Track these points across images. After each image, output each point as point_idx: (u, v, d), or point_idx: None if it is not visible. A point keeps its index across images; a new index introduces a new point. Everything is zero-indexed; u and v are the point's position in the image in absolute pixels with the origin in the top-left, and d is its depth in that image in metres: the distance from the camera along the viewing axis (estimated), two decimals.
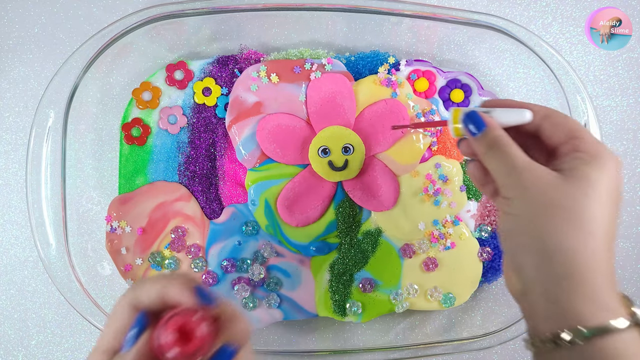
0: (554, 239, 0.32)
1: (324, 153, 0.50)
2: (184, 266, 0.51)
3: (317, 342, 0.54)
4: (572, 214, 0.32)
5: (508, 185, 0.35)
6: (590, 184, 0.33)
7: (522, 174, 0.34)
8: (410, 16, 0.51)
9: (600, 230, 0.32)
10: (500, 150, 0.35)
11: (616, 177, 0.34)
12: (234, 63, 0.53)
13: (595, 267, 0.32)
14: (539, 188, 0.34)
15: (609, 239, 0.33)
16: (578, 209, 0.32)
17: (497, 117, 0.37)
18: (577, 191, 0.33)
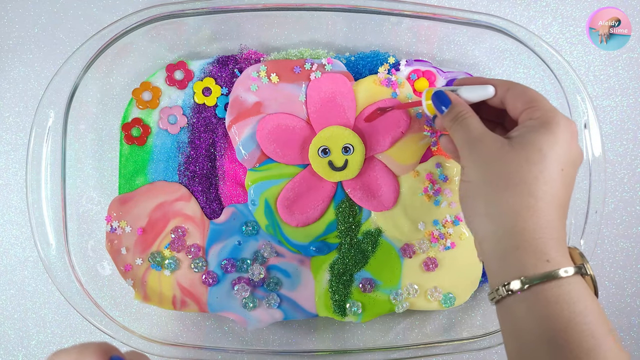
0: (499, 202, 0.35)
1: (324, 153, 0.51)
2: (184, 266, 0.51)
3: (317, 342, 0.54)
4: (516, 179, 0.35)
5: (464, 155, 0.38)
6: (535, 150, 0.35)
7: (475, 144, 0.38)
8: (410, 16, 0.51)
9: (544, 192, 0.34)
10: (461, 123, 0.39)
11: (568, 144, 0.36)
12: (234, 63, 0.53)
13: (539, 226, 0.34)
14: (488, 156, 0.37)
15: (556, 203, 0.35)
16: (521, 174, 0.35)
17: (462, 94, 0.41)
18: (521, 157, 0.35)
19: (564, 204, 0.36)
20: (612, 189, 0.57)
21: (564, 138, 0.36)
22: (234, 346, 0.52)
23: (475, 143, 0.38)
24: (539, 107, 0.37)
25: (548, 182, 0.35)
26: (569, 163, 0.36)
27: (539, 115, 0.37)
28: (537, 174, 0.35)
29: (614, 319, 0.57)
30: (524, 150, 0.35)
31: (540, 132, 0.36)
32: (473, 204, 0.37)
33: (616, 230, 0.57)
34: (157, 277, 0.51)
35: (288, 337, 0.54)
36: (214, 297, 0.51)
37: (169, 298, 0.51)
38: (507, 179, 0.35)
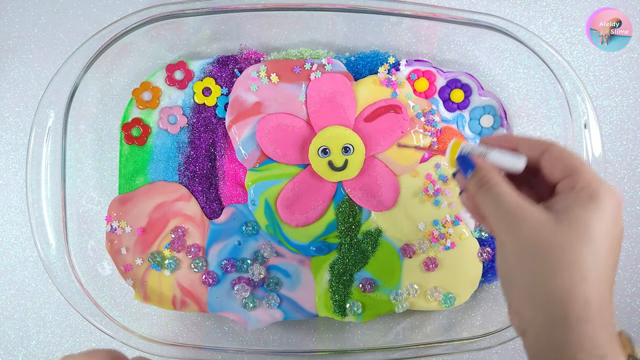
0: (547, 288, 0.32)
1: (324, 153, 0.51)
2: (184, 266, 0.51)
3: (317, 342, 0.54)
4: (563, 259, 0.31)
5: (499, 229, 0.34)
6: (584, 227, 0.32)
7: (512, 219, 0.33)
8: (410, 16, 0.51)
9: (593, 275, 0.31)
10: (489, 191, 0.35)
11: (614, 218, 0.33)
12: (234, 63, 0.53)
13: (589, 313, 0.31)
14: (530, 231, 0.33)
15: (605, 284, 0.32)
16: (570, 254, 0.31)
17: (491, 159, 0.36)
18: (569, 235, 0.32)
19: (611, 284, 0.32)
20: None
21: (611, 213, 0.32)
22: (234, 346, 0.52)
23: (512, 218, 0.33)
24: (582, 176, 0.33)
25: (599, 263, 0.31)
26: (616, 240, 0.33)
27: (582, 185, 0.33)
28: (587, 255, 0.31)
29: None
30: (572, 227, 0.32)
31: (588, 207, 0.32)
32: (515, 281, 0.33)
33: None
34: (157, 277, 0.51)
35: (288, 337, 0.54)
36: (214, 297, 0.51)
37: (169, 298, 0.51)
38: (556, 260, 0.31)
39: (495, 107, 0.53)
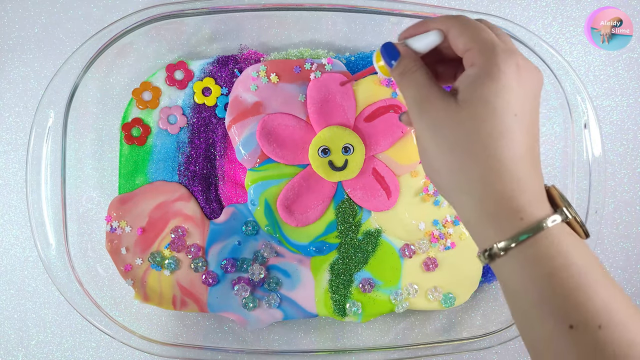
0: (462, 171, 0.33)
1: (324, 153, 0.51)
2: (184, 266, 0.51)
3: (317, 342, 0.54)
4: (470, 142, 0.32)
5: (414, 119, 0.35)
6: (482, 104, 0.32)
7: (422, 105, 0.34)
8: (410, 16, 0.51)
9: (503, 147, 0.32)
10: (408, 78, 0.35)
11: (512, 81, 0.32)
12: (234, 63, 0.53)
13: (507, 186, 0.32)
14: (437, 119, 0.33)
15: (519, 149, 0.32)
16: (475, 135, 0.32)
17: (412, 45, 0.37)
18: (471, 115, 0.32)
19: (528, 147, 0.33)
20: (612, 189, 0.57)
21: (509, 79, 0.32)
22: (234, 346, 0.52)
23: (423, 103, 0.34)
24: (477, 48, 0.33)
25: (505, 135, 0.32)
26: (523, 101, 0.32)
27: (478, 59, 0.33)
28: (490, 130, 0.32)
29: None
30: (472, 107, 0.32)
31: (483, 81, 0.32)
32: (438, 177, 0.35)
33: (616, 230, 0.57)
34: (157, 277, 0.51)
35: (288, 337, 0.54)
36: (214, 297, 0.51)
37: (169, 298, 0.51)
38: (463, 144, 0.32)
39: None
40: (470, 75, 0.33)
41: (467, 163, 0.32)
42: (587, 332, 0.29)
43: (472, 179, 0.32)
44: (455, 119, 0.33)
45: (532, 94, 0.33)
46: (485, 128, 0.32)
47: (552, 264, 0.30)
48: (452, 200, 0.35)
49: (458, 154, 0.33)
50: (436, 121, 0.33)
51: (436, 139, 0.33)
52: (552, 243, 0.31)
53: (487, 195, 0.32)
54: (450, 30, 0.35)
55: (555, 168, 0.54)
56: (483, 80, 0.32)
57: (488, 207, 0.32)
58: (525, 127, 0.32)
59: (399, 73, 0.36)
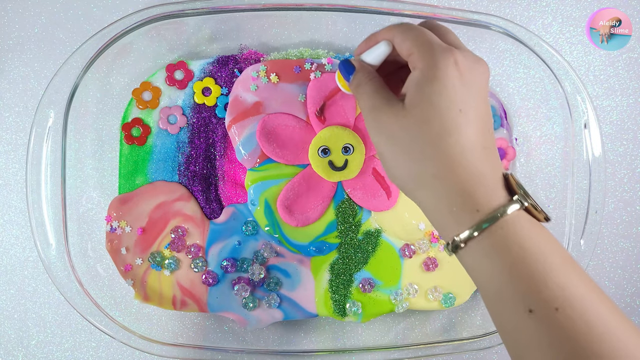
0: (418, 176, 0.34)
1: (324, 153, 0.51)
2: (184, 266, 0.51)
3: (317, 342, 0.54)
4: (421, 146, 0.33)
5: (369, 130, 0.36)
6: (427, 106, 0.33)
7: (374, 114, 0.36)
8: (410, 16, 0.51)
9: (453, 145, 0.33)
10: (361, 90, 0.37)
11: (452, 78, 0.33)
12: (234, 63, 0.53)
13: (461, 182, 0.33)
14: (388, 127, 0.35)
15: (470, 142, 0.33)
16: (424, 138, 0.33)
17: (365, 59, 0.39)
18: (418, 120, 0.33)
19: (479, 139, 0.34)
20: (612, 189, 0.57)
21: (449, 77, 0.33)
22: (234, 346, 0.52)
23: (373, 112, 0.36)
24: (417, 51, 0.34)
25: (452, 132, 0.33)
26: (466, 96, 0.33)
27: (418, 62, 0.34)
28: (438, 129, 0.33)
29: None
30: (417, 109, 0.33)
31: (424, 83, 0.33)
32: (398, 180, 0.36)
33: (616, 230, 0.57)
34: (157, 277, 0.51)
35: (288, 337, 0.54)
36: (214, 297, 0.51)
37: (169, 298, 0.51)
38: (414, 146, 0.34)
39: (495, 107, 0.53)
40: (414, 78, 0.34)
41: (421, 164, 0.34)
42: (545, 315, 0.30)
43: (428, 176, 0.34)
44: (404, 123, 0.34)
45: (477, 87, 0.34)
46: (432, 128, 0.33)
47: (510, 251, 0.31)
48: (415, 199, 0.36)
49: (412, 156, 0.34)
50: (387, 127, 0.35)
51: (389, 144, 0.35)
52: (509, 231, 0.32)
53: (444, 192, 0.33)
54: (394, 38, 0.36)
55: (555, 168, 0.54)
56: (424, 82, 0.33)
57: (446, 201, 0.34)
58: (472, 121, 0.33)
59: (355, 86, 0.38)
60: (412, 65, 0.35)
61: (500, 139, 0.54)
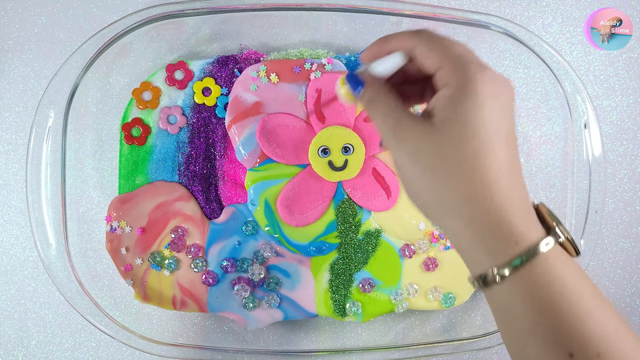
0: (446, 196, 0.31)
1: (324, 153, 0.51)
2: (184, 266, 0.51)
3: (317, 342, 0.54)
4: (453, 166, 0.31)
5: (390, 145, 0.33)
6: (461, 125, 0.30)
7: (395, 131, 0.33)
8: (410, 16, 0.51)
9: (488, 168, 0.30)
10: (377, 106, 0.34)
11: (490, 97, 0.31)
12: (234, 63, 0.53)
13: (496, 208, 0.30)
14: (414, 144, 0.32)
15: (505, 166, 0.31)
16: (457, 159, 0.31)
17: (375, 70, 0.35)
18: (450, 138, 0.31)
19: (511, 161, 0.31)
20: (612, 189, 0.57)
21: (485, 95, 0.30)
22: (234, 346, 0.52)
23: (397, 130, 0.32)
24: (449, 65, 0.32)
25: (489, 153, 0.30)
26: (500, 116, 0.31)
27: (452, 78, 0.31)
28: (473, 150, 0.30)
29: None
30: (450, 129, 0.31)
31: (459, 101, 0.31)
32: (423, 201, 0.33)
33: (616, 230, 0.57)
34: (157, 277, 0.51)
35: (288, 337, 0.54)
36: (214, 297, 0.51)
37: (169, 298, 0.51)
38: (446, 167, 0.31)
39: None
40: (446, 95, 0.31)
41: (453, 185, 0.31)
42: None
43: (460, 200, 0.31)
44: (435, 143, 0.31)
45: (508, 106, 0.32)
46: (468, 148, 0.30)
47: (548, 290, 0.30)
48: (441, 224, 0.33)
49: (442, 177, 0.31)
50: (415, 147, 0.32)
51: (417, 164, 0.32)
52: (547, 268, 0.30)
53: (478, 216, 0.31)
54: (416, 48, 0.33)
55: (555, 168, 0.54)
56: (460, 100, 0.31)
57: (479, 229, 0.31)
58: (505, 142, 0.31)
59: (366, 101, 0.35)
60: (441, 80, 0.32)
61: None
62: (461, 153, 0.30)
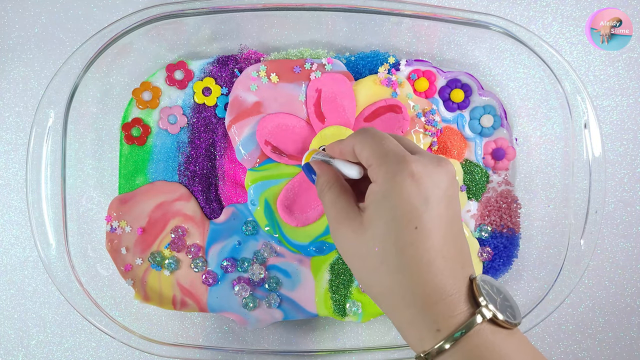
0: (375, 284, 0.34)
1: None
2: (184, 266, 0.51)
3: (317, 342, 0.54)
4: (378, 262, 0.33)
5: (332, 237, 0.37)
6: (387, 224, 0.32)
7: (333, 225, 0.36)
8: (410, 16, 0.51)
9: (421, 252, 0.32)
10: (324, 197, 0.38)
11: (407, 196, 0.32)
12: (234, 63, 0.53)
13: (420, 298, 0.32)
14: (347, 243, 0.35)
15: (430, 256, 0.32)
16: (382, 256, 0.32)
17: (336, 165, 0.39)
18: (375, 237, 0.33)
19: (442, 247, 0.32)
20: (612, 189, 0.57)
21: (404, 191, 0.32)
22: (234, 346, 0.52)
23: (334, 224, 0.36)
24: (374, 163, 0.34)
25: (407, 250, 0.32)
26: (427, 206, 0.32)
27: (376, 175, 0.34)
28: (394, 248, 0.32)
29: (614, 319, 0.57)
30: (374, 227, 0.33)
31: (381, 199, 0.33)
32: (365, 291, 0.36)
33: (616, 230, 0.57)
34: (157, 277, 0.51)
35: (288, 337, 0.54)
36: (214, 297, 0.51)
37: (169, 298, 0.51)
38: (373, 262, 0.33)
39: (495, 107, 0.54)
40: (372, 193, 0.34)
41: (379, 278, 0.33)
42: None
43: (387, 293, 0.33)
44: (362, 240, 0.34)
45: (438, 191, 0.33)
46: (388, 245, 0.32)
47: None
48: (381, 307, 0.35)
49: (371, 271, 0.33)
50: (346, 241, 0.35)
51: (350, 259, 0.35)
52: (474, 345, 0.31)
53: (404, 308, 0.32)
54: (355, 146, 0.36)
55: (555, 168, 0.54)
56: (380, 197, 0.33)
57: (408, 319, 0.33)
58: (432, 231, 0.32)
59: (318, 191, 0.39)
60: (371, 176, 0.34)
61: (500, 139, 0.54)
62: (383, 250, 0.32)
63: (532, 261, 0.53)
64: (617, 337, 0.57)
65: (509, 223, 0.53)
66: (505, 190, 0.54)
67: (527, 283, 0.53)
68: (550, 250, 0.53)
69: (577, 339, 0.57)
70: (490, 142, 0.54)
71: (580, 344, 0.57)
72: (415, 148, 0.36)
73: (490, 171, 0.54)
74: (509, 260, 0.53)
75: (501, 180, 0.54)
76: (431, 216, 0.32)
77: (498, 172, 0.54)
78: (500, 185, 0.54)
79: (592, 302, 0.57)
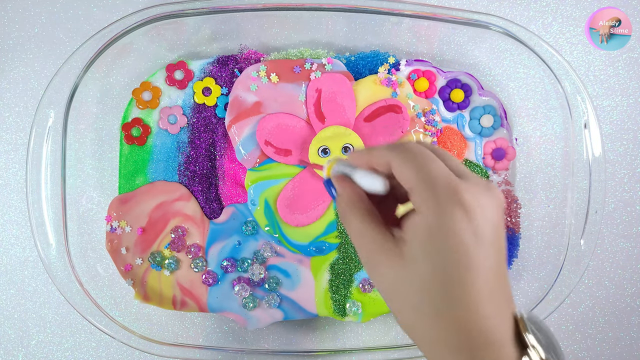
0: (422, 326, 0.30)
1: (324, 153, 0.50)
2: (184, 266, 0.51)
3: (317, 342, 0.54)
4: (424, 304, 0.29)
5: (366, 270, 0.33)
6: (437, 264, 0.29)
7: (364, 259, 0.32)
8: (410, 16, 0.51)
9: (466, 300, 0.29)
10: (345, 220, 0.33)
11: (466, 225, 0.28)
12: (234, 63, 0.53)
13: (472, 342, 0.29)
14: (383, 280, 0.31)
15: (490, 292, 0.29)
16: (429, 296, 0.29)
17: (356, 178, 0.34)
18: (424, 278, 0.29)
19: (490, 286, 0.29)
20: (612, 189, 0.57)
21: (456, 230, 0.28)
22: (234, 346, 0.52)
23: (365, 257, 0.32)
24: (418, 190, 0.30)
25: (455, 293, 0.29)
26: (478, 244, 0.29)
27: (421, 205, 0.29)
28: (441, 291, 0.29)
29: (614, 319, 0.57)
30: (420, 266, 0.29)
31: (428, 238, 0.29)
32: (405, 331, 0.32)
33: (616, 230, 0.57)
34: (157, 277, 0.51)
35: (288, 337, 0.54)
36: (214, 297, 0.51)
37: (169, 298, 0.51)
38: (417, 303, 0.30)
39: (495, 107, 0.54)
40: (415, 225, 0.30)
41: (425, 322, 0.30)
42: None
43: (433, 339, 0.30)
44: (403, 278, 0.30)
45: (489, 227, 0.29)
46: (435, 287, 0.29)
47: None
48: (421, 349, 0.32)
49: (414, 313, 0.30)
50: (386, 281, 0.31)
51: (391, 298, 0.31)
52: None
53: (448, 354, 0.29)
54: (392, 162, 0.31)
55: (555, 168, 0.54)
56: (428, 232, 0.29)
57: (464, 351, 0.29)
58: (482, 272, 0.29)
59: (340, 211, 0.34)
60: (415, 204, 0.30)
61: (500, 139, 0.54)
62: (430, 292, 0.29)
63: (532, 261, 0.53)
64: (617, 337, 0.57)
65: (508, 223, 0.53)
66: (505, 191, 0.54)
67: (527, 283, 0.53)
68: (550, 250, 0.53)
69: (577, 339, 0.57)
70: (490, 142, 0.54)
71: (580, 344, 0.57)
72: (462, 170, 0.32)
73: (490, 171, 0.54)
74: (509, 260, 0.53)
75: (501, 180, 0.54)
76: (481, 253, 0.29)
77: (498, 172, 0.54)
78: (500, 185, 0.54)
79: (592, 302, 0.57)
